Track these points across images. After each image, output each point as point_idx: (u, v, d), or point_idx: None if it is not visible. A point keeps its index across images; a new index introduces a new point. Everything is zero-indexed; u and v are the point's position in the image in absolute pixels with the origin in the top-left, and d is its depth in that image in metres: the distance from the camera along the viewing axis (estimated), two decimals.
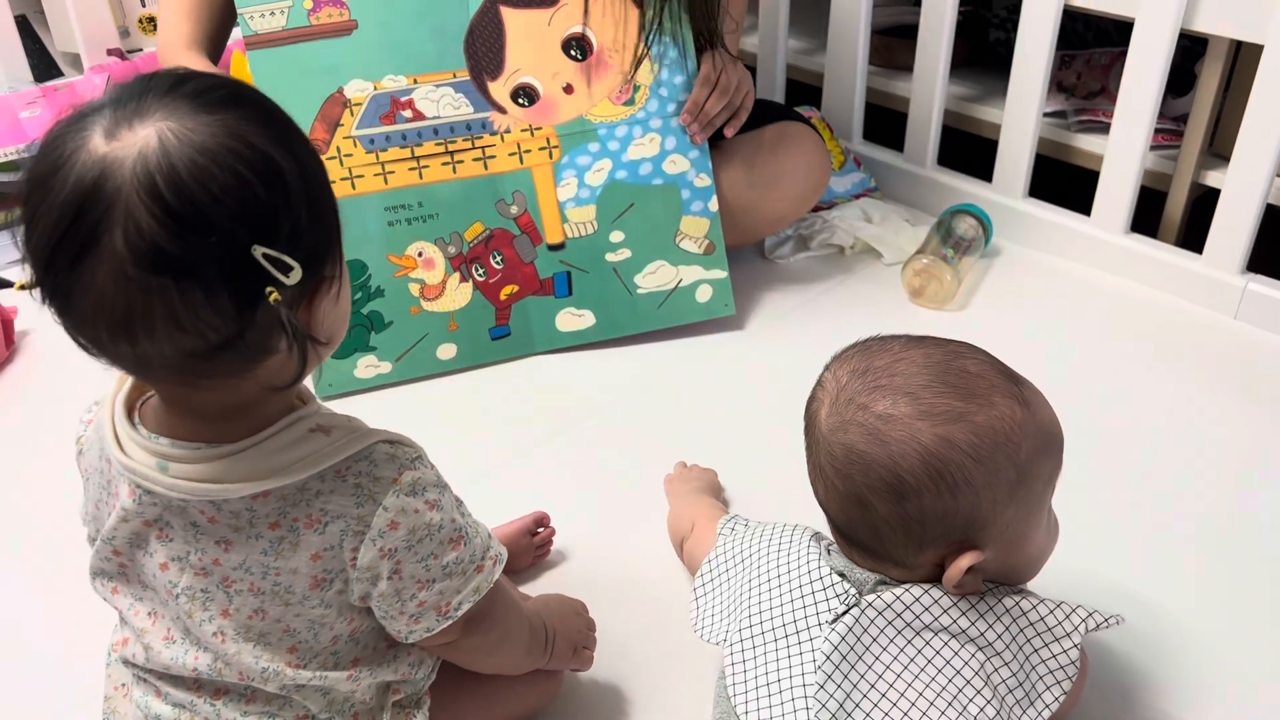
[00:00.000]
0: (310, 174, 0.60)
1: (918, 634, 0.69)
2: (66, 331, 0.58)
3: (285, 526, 0.63)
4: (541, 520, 1.00)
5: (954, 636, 0.69)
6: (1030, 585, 0.90)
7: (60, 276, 0.55)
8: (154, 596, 0.68)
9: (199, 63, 1.23)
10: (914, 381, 0.68)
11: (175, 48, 1.24)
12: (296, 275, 0.57)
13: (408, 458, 0.65)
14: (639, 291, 1.33)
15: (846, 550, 0.74)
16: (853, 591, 0.71)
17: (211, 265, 0.55)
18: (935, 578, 0.70)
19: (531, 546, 0.99)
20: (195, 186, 0.54)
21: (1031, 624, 0.71)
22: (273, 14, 1.21)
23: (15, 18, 1.95)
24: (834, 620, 0.70)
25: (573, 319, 1.32)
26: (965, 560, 0.68)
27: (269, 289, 0.56)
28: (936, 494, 0.66)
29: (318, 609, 0.66)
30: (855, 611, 0.70)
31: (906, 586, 0.70)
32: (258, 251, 0.55)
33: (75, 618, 0.90)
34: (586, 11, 1.26)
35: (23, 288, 0.57)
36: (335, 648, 0.69)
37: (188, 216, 0.54)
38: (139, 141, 0.54)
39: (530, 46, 1.27)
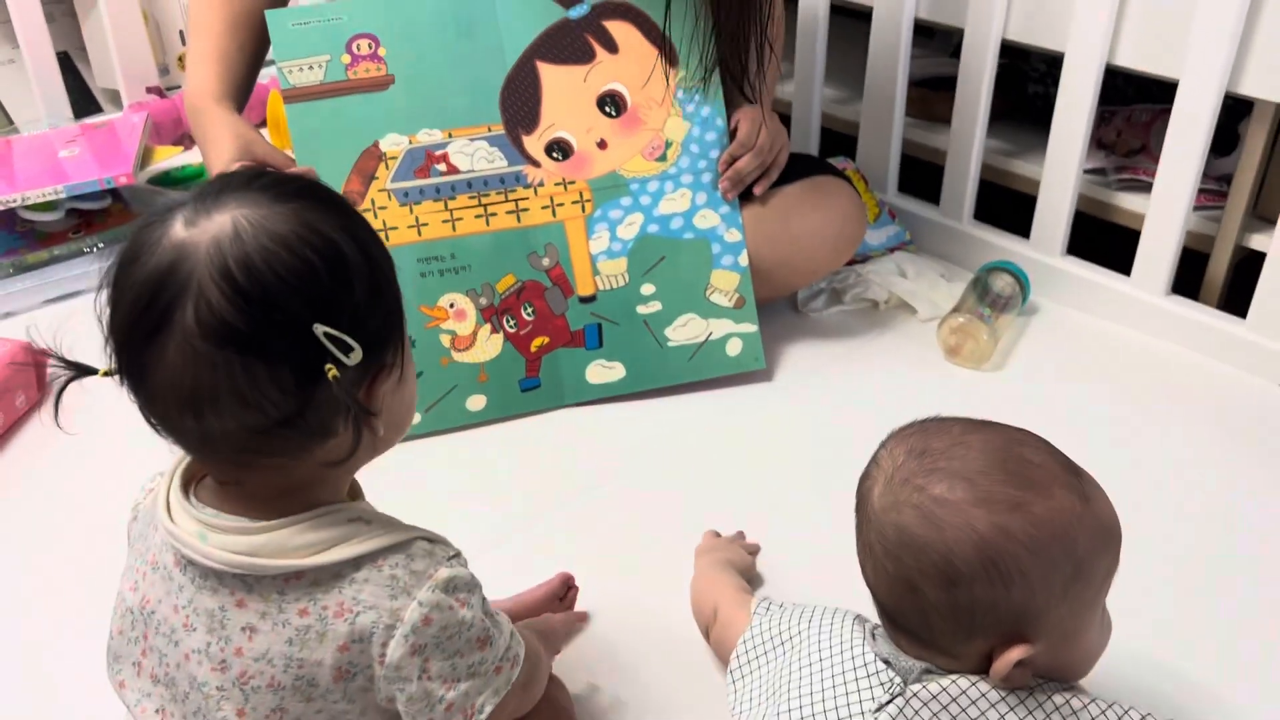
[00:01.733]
0: (375, 264, 0.63)
1: None
2: (140, 410, 0.62)
3: (314, 614, 0.62)
4: (568, 581, 0.99)
5: None
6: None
7: (135, 353, 0.59)
8: (164, 693, 0.66)
9: (227, 115, 1.22)
10: (972, 466, 0.66)
11: (204, 100, 1.23)
12: (357, 356, 0.60)
13: (445, 555, 0.66)
14: (669, 344, 1.32)
15: (893, 635, 0.72)
16: (897, 680, 0.69)
17: (275, 341, 0.58)
18: (983, 669, 0.68)
19: (561, 611, 0.98)
20: (263, 268, 0.58)
21: None
22: (310, 68, 1.21)
23: (57, 54, 1.98)
24: (877, 710, 0.68)
25: (603, 371, 1.31)
26: (1015, 654, 0.65)
27: (328, 366, 0.59)
28: (989, 583, 0.64)
29: (340, 703, 0.64)
30: (899, 701, 0.68)
31: (953, 678, 0.68)
32: (319, 330, 0.58)
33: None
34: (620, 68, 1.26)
35: (106, 374, 0.62)
36: None
37: (254, 295, 0.57)
38: (214, 227, 0.59)
39: (565, 102, 1.27)
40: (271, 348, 0.58)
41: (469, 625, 0.65)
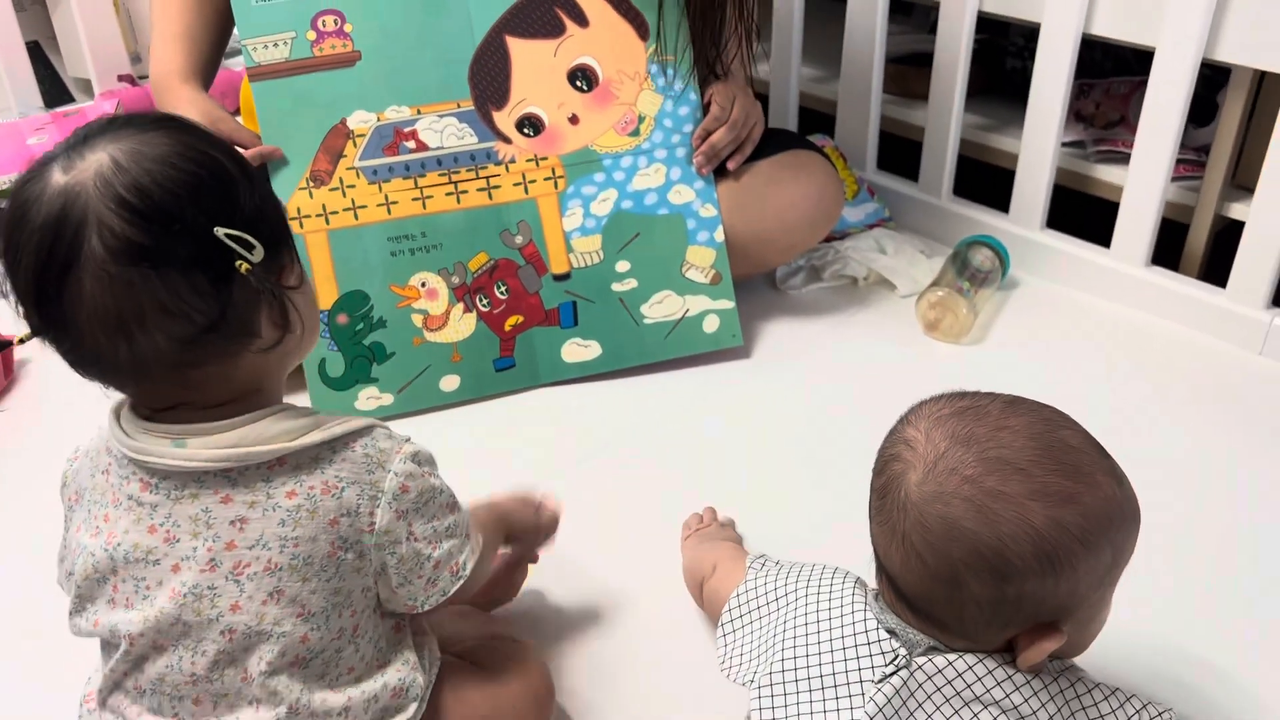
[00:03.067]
0: (248, 172, 0.67)
1: (966, 704, 0.65)
2: (66, 358, 0.64)
3: (302, 495, 0.67)
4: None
5: (1004, 711, 0.65)
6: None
7: (51, 301, 0.62)
8: (136, 617, 0.67)
9: (193, 93, 1.21)
10: (1023, 456, 0.64)
11: (169, 80, 1.22)
12: (259, 254, 0.64)
13: (402, 437, 0.72)
14: (645, 322, 1.30)
15: (900, 611, 0.69)
16: (902, 652, 0.67)
17: (182, 250, 0.62)
18: (996, 650, 0.67)
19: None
20: (153, 186, 0.61)
21: (1084, 709, 0.67)
22: (276, 45, 1.19)
23: (27, 44, 1.96)
24: (880, 681, 0.66)
25: (578, 350, 1.29)
26: (1050, 644, 0.64)
27: (239, 262, 0.63)
28: (1041, 577, 0.62)
29: (334, 581, 0.68)
30: (904, 674, 0.66)
31: (960, 654, 0.66)
32: (220, 232, 0.63)
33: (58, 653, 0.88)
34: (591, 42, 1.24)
35: (22, 341, 0.64)
36: (339, 643, 0.69)
37: (151, 212, 0.61)
38: (92, 165, 0.62)
39: (536, 76, 1.26)
40: (181, 256, 0.61)
41: (440, 491, 0.72)
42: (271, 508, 0.66)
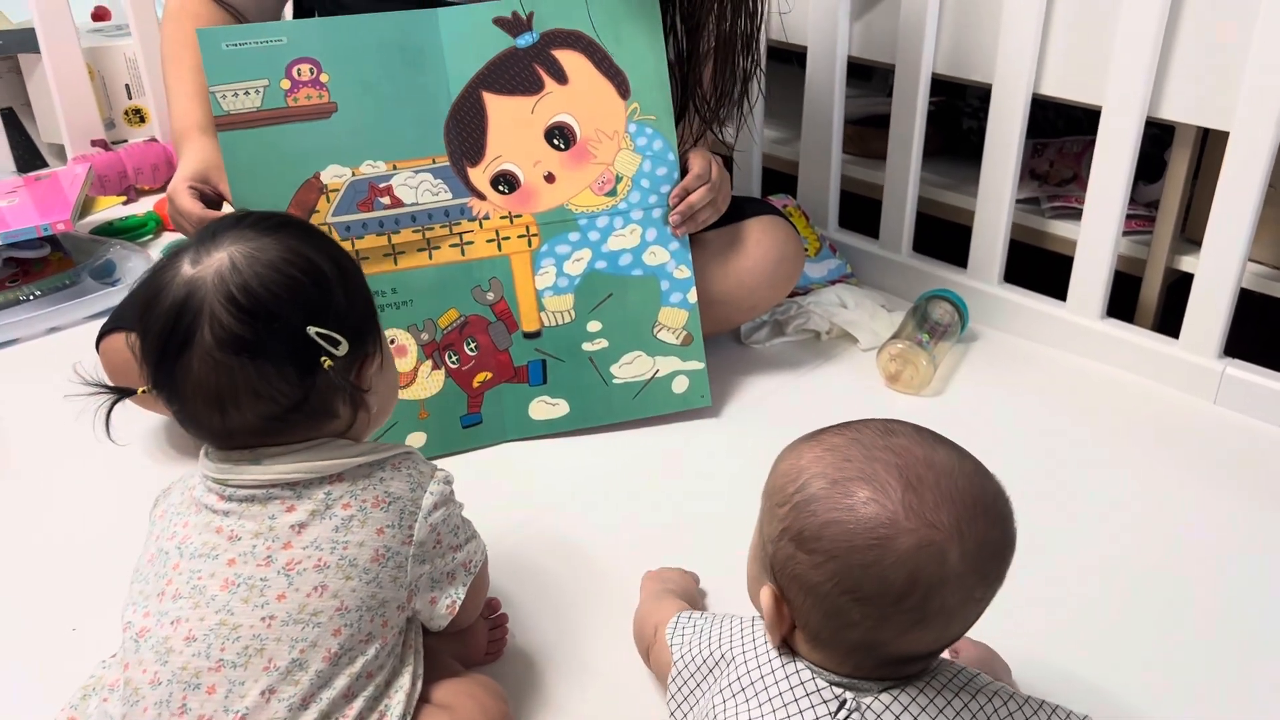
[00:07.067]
0: (347, 273, 0.79)
1: None
2: (176, 416, 0.76)
3: (356, 507, 0.77)
4: (493, 606, 0.98)
5: None
6: (1014, 681, 0.88)
7: (167, 369, 0.73)
8: (185, 604, 0.74)
9: (205, 141, 1.20)
10: (950, 465, 0.67)
11: (190, 132, 1.22)
12: (344, 348, 0.75)
13: (433, 464, 0.84)
14: (614, 382, 1.31)
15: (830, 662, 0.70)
16: (849, 696, 0.68)
17: (277, 345, 0.73)
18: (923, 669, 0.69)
19: (486, 633, 0.96)
20: (259, 289, 0.73)
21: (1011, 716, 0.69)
22: (246, 93, 1.17)
23: (1, 111, 1.98)
24: None
25: (546, 408, 1.30)
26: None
27: (323, 358, 0.74)
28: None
29: (371, 585, 0.76)
30: (855, 717, 0.67)
31: (902, 687, 0.67)
32: (311, 330, 0.73)
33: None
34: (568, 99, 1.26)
35: (144, 391, 0.77)
36: (366, 650, 0.76)
37: (255, 311, 0.72)
38: (215, 262, 0.73)
39: (512, 133, 1.26)
40: (275, 350, 0.73)
41: (460, 506, 0.84)
42: (329, 516, 0.76)
